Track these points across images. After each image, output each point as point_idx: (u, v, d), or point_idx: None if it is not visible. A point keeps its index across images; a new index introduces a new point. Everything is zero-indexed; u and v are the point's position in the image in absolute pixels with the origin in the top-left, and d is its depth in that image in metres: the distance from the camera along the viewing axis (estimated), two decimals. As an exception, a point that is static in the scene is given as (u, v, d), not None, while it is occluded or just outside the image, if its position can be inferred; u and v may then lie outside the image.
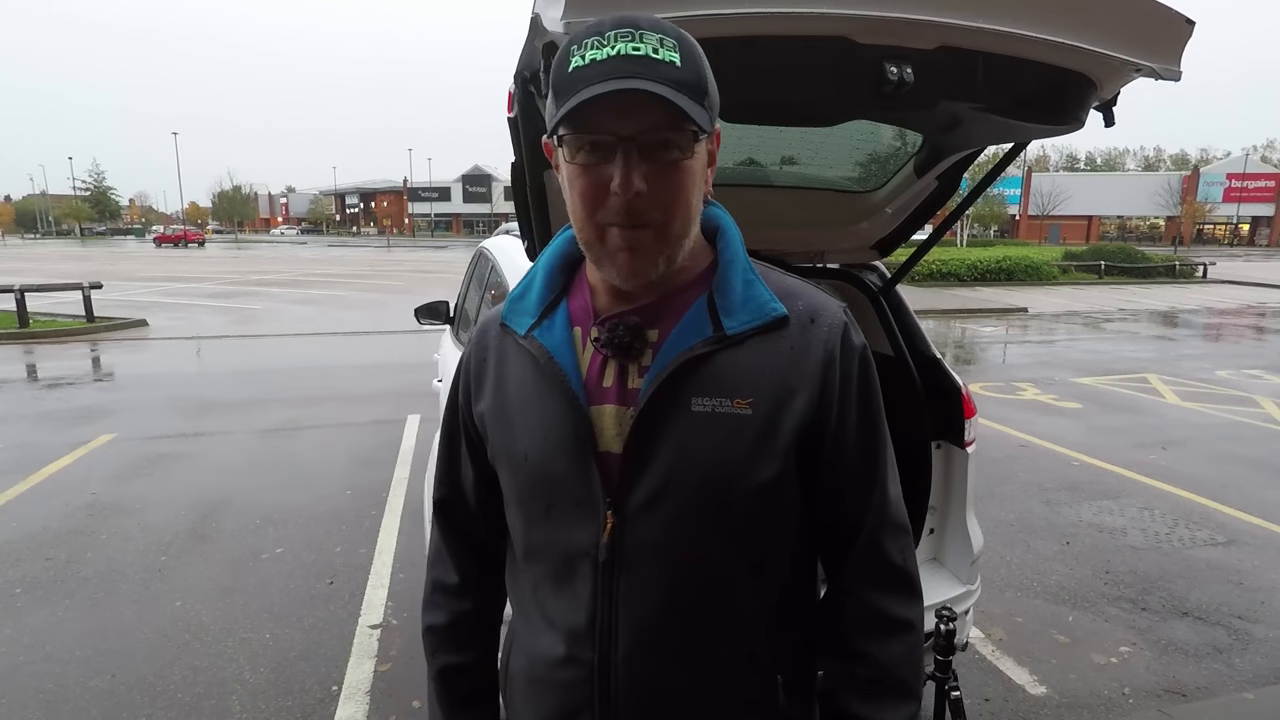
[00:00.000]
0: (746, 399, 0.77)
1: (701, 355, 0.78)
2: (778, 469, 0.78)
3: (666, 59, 0.70)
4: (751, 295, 0.80)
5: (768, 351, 0.79)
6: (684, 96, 0.70)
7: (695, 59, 0.73)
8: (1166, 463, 5.29)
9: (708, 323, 0.79)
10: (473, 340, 0.93)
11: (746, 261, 0.83)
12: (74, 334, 11.09)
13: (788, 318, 0.80)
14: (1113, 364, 9.26)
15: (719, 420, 0.77)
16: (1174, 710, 2.54)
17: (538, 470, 0.82)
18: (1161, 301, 17.62)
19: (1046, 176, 62.01)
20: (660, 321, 0.81)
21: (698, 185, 0.76)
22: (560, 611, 0.83)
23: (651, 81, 0.69)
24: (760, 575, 0.83)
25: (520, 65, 1.23)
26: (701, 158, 0.76)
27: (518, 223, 1.98)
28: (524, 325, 0.85)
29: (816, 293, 0.84)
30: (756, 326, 0.79)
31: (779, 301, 0.80)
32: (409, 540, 3.83)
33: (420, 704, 2.58)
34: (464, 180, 79.93)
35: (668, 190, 0.73)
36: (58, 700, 2.58)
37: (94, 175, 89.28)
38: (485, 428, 0.88)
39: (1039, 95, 1.27)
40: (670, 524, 0.78)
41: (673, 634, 0.80)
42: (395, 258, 34.98)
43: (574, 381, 0.80)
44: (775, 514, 0.81)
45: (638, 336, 0.80)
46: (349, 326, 12.14)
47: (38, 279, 13.84)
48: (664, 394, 0.77)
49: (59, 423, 6.13)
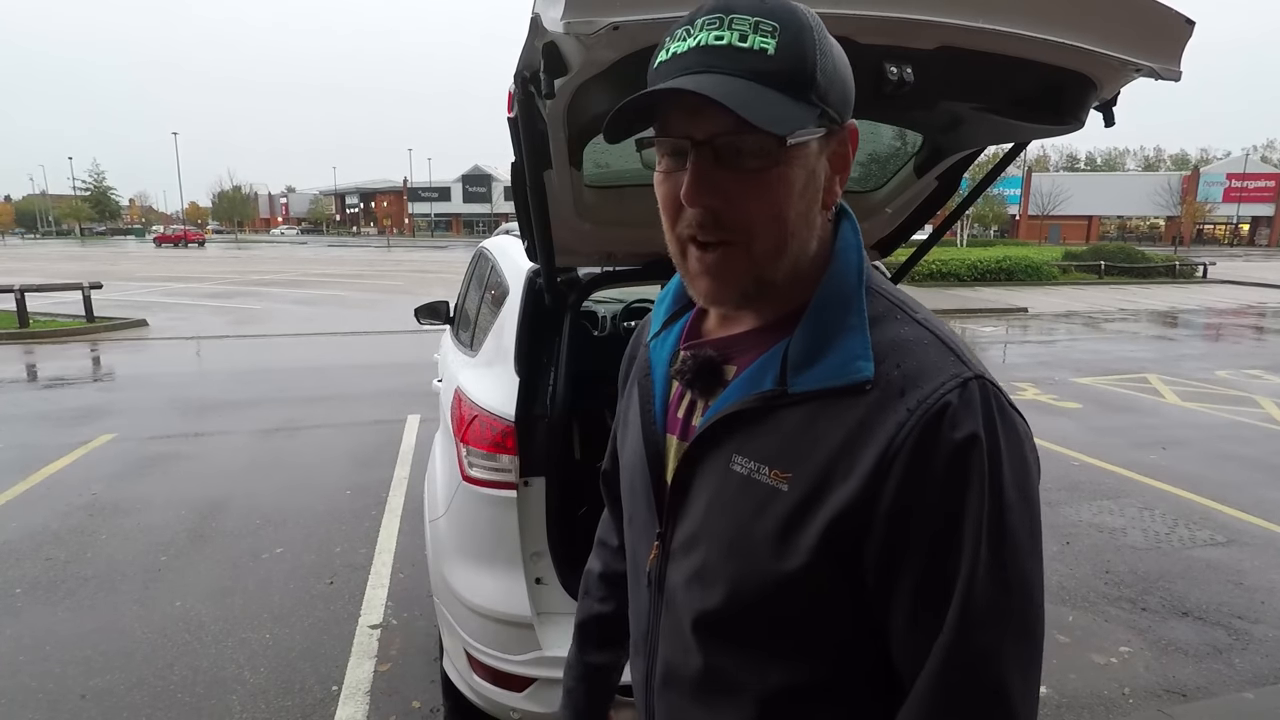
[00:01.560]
0: (786, 472, 0.64)
1: (753, 410, 0.67)
2: (803, 562, 0.63)
3: (757, 46, 0.59)
4: (838, 347, 0.64)
5: (830, 420, 0.63)
6: (769, 91, 0.59)
7: (799, 44, 0.60)
8: (1166, 463, 5.29)
9: (774, 373, 0.66)
10: (634, 337, 0.94)
11: (857, 300, 0.66)
12: (74, 334, 11.09)
13: (868, 383, 0.62)
14: (1113, 364, 9.26)
15: (752, 487, 0.66)
16: (1174, 710, 2.54)
17: (627, 480, 0.84)
18: (1161, 301, 17.62)
19: (1046, 176, 62.02)
20: (740, 358, 0.70)
21: (798, 197, 0.64)
22: (635, 612, 0.86)
23: (720, 75, 0.59)
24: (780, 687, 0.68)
25: (520, 65, 1.23)
26: (806, 162, 0.63)
27: (518, 223, 1.99)
28: (654, 328, 0.84)
29: (940, 357, 0.63)
30: (826, 389, 0.64)
31: (870, 360, 0.63)
32: (409, 540, 3.83)
33: (420, 704, 2.58)
34: (464, 180, 79.91)
35: (750, 203, 0.62)
36: (58, 700, 2.58)
37: (94, 175, 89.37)
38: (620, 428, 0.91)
39: (1039, 95, 1.27)
40: (695, 575, 0.71)
41: (688, 680, 0.74)
42: (395, 258, 34.98)
43: (657, 404, 0.78)
44: (805, 619, 0.66)
45: (710, 372, 0.72)
46: (349, 326, 12.14)
47: (38, 279, 13.83)
48: (707, 442, 0.70)
49: (59, 423, 6.13)
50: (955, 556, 0.59)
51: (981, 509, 0.59)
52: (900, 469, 0.59)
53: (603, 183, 1.84)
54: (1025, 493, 0.62)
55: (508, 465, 1.95)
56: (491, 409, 1.99)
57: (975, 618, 0.59)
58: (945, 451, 0.59)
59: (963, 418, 0.59)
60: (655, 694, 0.79)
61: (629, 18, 0.95)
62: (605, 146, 1.68)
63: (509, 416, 1.95)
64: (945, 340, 0.64)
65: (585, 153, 1.60)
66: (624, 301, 4.66)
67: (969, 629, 0.59)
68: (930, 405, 0.60)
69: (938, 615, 0.60)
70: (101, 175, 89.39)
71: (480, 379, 2.20)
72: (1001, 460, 0.60)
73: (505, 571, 2.00)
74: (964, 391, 0.60)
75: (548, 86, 1.12)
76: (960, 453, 0.59)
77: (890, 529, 0.60)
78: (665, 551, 0.75)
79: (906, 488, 0.59)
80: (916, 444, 0.59)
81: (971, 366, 0.63)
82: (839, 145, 0.66)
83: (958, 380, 0.61)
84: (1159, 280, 23.58)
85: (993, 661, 0.59)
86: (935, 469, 0.59)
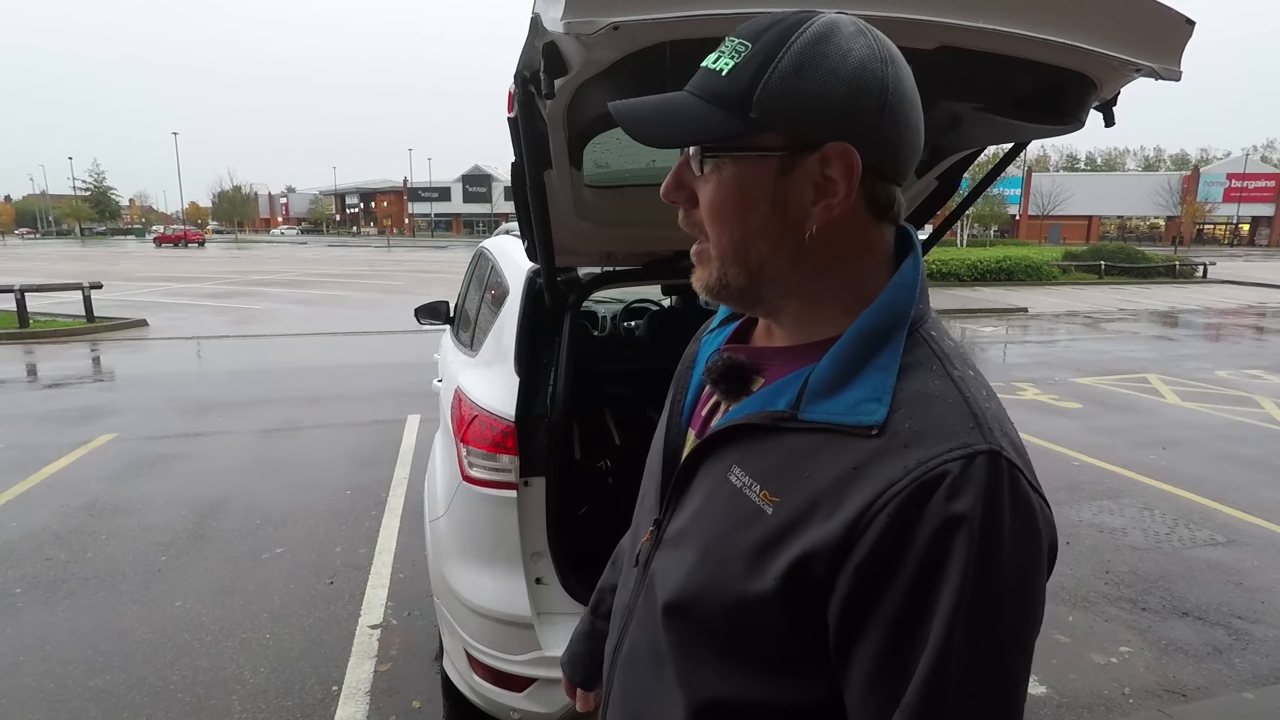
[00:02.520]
0: (775, 496, 0.63)
1: (761, 427, 0.67)
2: (768, 588, 0.62)
3: (718, 67, 0.64)
4: (858, 384, 0.62)
5: (829, 456, 0.61)
6: (707, 108, 0.63)
7: (751, 64, 0.61)
8: (1166, 463, 5.29)
9: (791, 396, 0.65)
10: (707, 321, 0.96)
11: (894, 341, 0.64)
12: (74, 334, 11.09)
13: (876, 428, 0.60)
14: (1113, 364, 9.26)
15: (740, 501, 0.66)
16: (1174, 710, 2.54)
17: (649, 463, 0.87)
18: (1161, 301, 17.62)
19: (1046, 176, 62.05)
20: (770, 372, 0.71)
21: (741, 209, 0.65)
22: (623, 581, 0.88)
23: (682, 93, 0.66)
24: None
25: (520, 65, 1.23)
26: (753, 179, 0.64)
27: (518, 223, 1.99)
28: (713, 324, 0.87)
29: (958, 420, 0.59)
30: (833, 424, 0.62)
31: (885, 405, 0.60)
32: (409, 540, 3.83)
33: (420, 704, 2.58)
34: (464, 180, 79.91)
35: (703, 207, 0.68)
36: (58, 700, 2.58)
37: (94, 175, 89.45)
38: None
39: (1039, 95, 1.27)
40: (672, 568, 0.72)
41: (647, 663, 0.76)
42: (395, 258, 34.97)
43: (689, 397, 0.82)
44: (765, 640, 0.64)
45: (737, 378, 0.73)
46: (349, 326, 12.14)
47: (38, 279, 13.83)
48: (713, 447, 0.72)
49: (59, 423, 6.13)
50: (922, 636, 0.55)
51: (961, 593, 0.54)
52: (880, 526, 0.56)
53: (603, 183, 1.84)
54: (1023, 583, 0.57)
55: (508, 465, 1.95)
56: (491, 409, 1.99)
57: (938, 704, 0.55)
58: (932, 522, 0.55)
59: (960, 491, 0.55)
60: (617, 667, 0.82)
61: (629, 18, 0.94)
62: (605, 146, 1.68)
63: (509, 416, 1.95)
64: (971, 403, 0.60)
65: (585, 153, 1.60)
66: (624, 301, 4.67)
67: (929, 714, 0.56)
68: (929, 469, 0.56)
69: (894, 692, 0.57)
70: (101, 175, 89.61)
71: (480, 379, 2.20)
72: (999, 545, 0.55)
73: (505, 571, 2.00)
74: (969, 465, 0.56)
75: (548, 86, 1.12)
76: (947, 528, 0.55)
77: (857, 585, 0.57)
78: (658, 538, 0.78)
79: (881, 548, 0.56)
80: (903, 505, 0.56)
81: (989, 438, 0.57)
82: (821, 168, 0.62)
83: (966, 451, 0.56)
84: (1159, 280, 23.58)
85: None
86: (916, 538, 0.55)
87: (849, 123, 0.61)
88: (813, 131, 0.62)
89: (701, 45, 0.74)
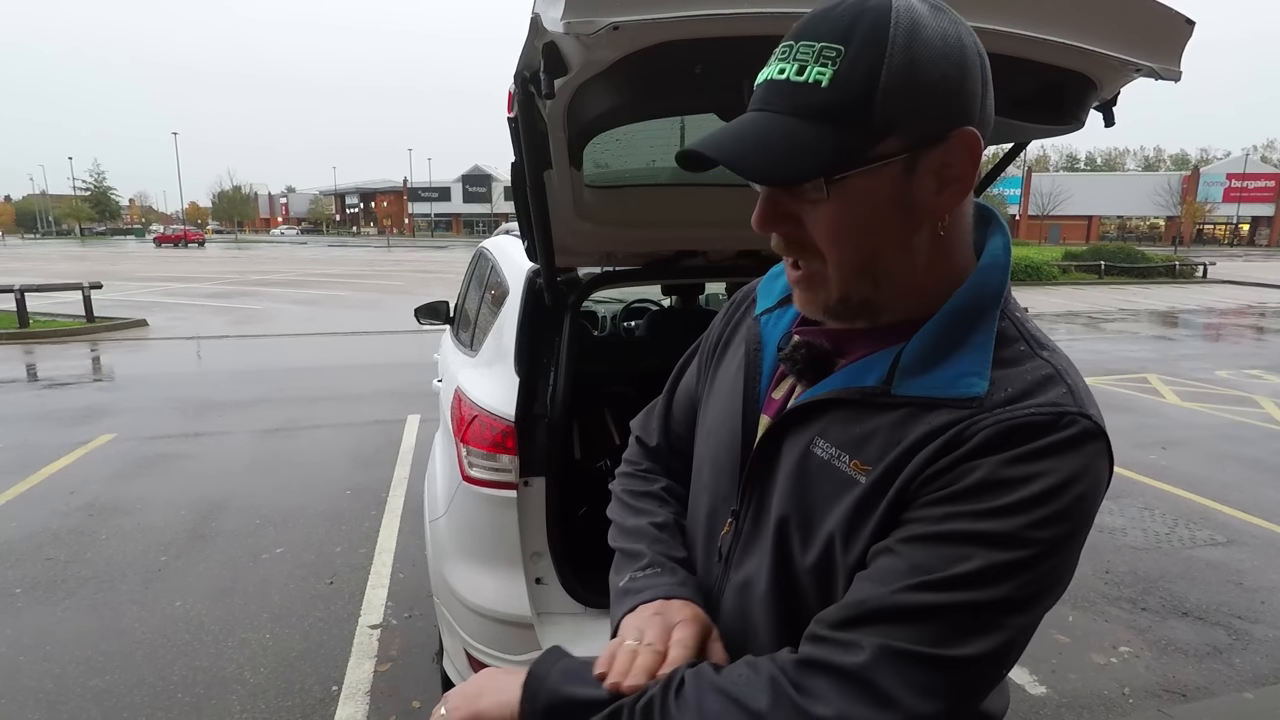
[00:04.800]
0: (867, 464, 0.63)
1: (848, 401, 0.66)
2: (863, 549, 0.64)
3: (812, 79, 0.58)
4: (957, 359, 0.63)
5: (926, 426, 0.62)
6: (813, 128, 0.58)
7: (856, 70, 0.57)
8: (1166, 463, 5.29)
9: (881, 372, 0.65)
10: (735, 297, 0.92)
11: (989, 319, 0.64)
12: (74, 334, 11.09)
13: (978, 400, 0.61)
14: (1113, 364, 9.26)
15: (830, 472, 0.66)
16: (1174, 710, 2.54)
17: (710, 450, 0.82)
18: (1161, 301, 17.62)
19: (1046, 176, 62.07)
20: (852, 354, 0.69)
21: (868, 226, 0.61)
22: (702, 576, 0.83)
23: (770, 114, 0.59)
24: None
25: (520, 65, 1.24)
26: (876, 190, 0.60)
27: (518, 223, 1.99)
28: (765, 304, 0.82)
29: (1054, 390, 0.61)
30: (929, 398, 0.62)
31: (986, 379, 0.61)
32: (409, 540, 3.83)
33: (420, 704, 2.58)
34: (464, 180, 79.91)
35: (816, 231, 0.62)
36: (58, 700, 2.58)
37: (94, 175, 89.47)
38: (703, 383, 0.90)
39: (1039, 95, 1.27)
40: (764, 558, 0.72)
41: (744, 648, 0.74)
42: (395, 258, 34.98)
43: (763, 382, 0.78)
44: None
45: (822, 363, 0.71)
46: (349, 326, 12.14)
47: (38, 279, 13.83)
48: (793, 423, 0.70)
49: (59, 423, 6.13)
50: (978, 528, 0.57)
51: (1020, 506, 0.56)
52: (962, 450, 0.58)
53: (603, 183, 1.84)
54: (1072, 534, 0.59)
55: (508, 465, 1.95)
56: (491, 409, 1.99)
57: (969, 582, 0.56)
58: (1014, 446, 0.57)
59: (1044, 439, 0.58)
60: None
61: (629, 18, 0.95)
62: (605, 146, 1.68)
63: (509, 416, 1.95)
64: (1065, 376, 0.62)
65: (585, 153, 1.60)
66: (624, 301, 4.67)
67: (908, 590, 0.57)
68: (1018, 416, 0.59)
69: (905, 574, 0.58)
70: (101, 175, 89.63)
71: (480, 379, 2.20)
72: (1065, 493, 0.57)
73: (505, 571, 2.00)
74: (1061, 419, 0.59)
75: (548, 86, 1.12)
76: (1025, 457, 0.57)
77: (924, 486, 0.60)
78: (738, 529, 0.76)
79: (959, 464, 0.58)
80: (988, 437, 0.58)
81: (1083, 407, 0.60)
82: (944, 157, 0.60)
83: (1058, 410, 0.59)
84: (1159, 280, 23.59)
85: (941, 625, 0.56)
86: (995, 455, 0.58)
87: (969, 105, 0.60)
88: (940, 122, 0.59)
89: (704, 48, 0.73)
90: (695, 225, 2.02)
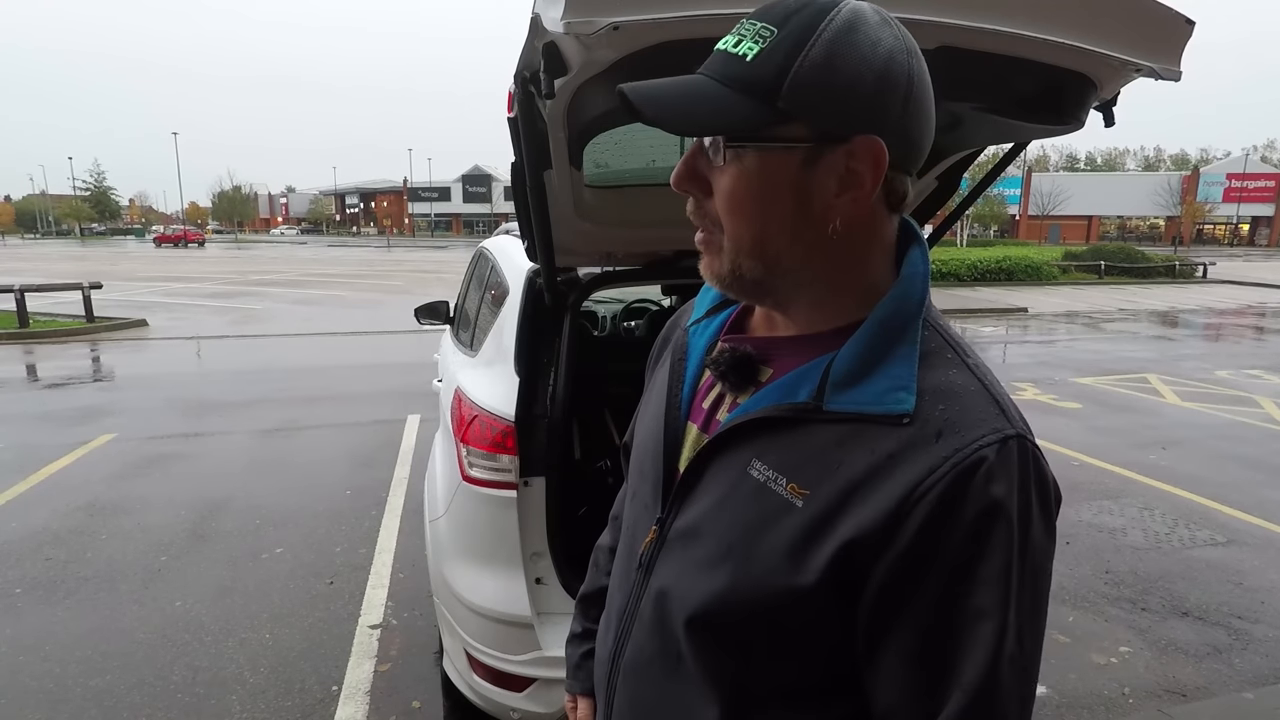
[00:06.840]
0: (804, 488, 0.63)
1: (780, 419, 0.66)
2: (813, 581, 0.62)
3: (741, 52, 0.61)
4: (884, 373, 0.63)
5: (859, 445, 0.62)
6: (733, 95, 0.61)
7: (780, 51, 0.59)
8: (1166, 463, 5.29)
9: (811, 387, 0.65)
10: (675, 315, 0.94)
11: (913, 330, 0.65)
12: (74, 334, 11.09)
13: (907, 416, 0.61)
14: (1113, 364, 9.26)
15: (766, 495, 0.65)
16: (1174, 710, 2.54)
17: (638, 459, 0.84)
18: (1161, 301, 17.62)
19: (1046, 176, 62.09)
20: (778, 363, 0.70)
21: (763, 201, 0.63)
22: (617, 583, 0.85)
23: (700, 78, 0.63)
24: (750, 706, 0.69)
25: (520, 65, 1.23)
26: (777, 169, 0.62)
27: (518, 223, 1.99)
28: (697, 314, 0.84)
29: (985, 408, 0.61)
30: (861, 413, 0.62)
31: (913, 393, 0.62)
32: (409, 540, 3.83)
33: (420, 704, 2.58)
34: (464, 180, 79.92)
35: (718, 197, 0.65)
36: (58, 700, 2.58)
37: (94, 175, 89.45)
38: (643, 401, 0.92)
39: (1039, 95, 1.27)
40: (686, 569, 0.71)
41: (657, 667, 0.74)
42: (395, 258, 34.97)
43: (685, 390, 0.79)
44: (802, 630, 0.65)
45: (746, 369, 0.72)
46: (349, 326, 12.14)
47: (38, 279, 13.83)
48: (729, 441, 0.70)
49: (59, 423, 6.13)
50: (968, 613, 0.58)
51: (1007, 570, 0.58)
52: (923, 514, 0.58)
53: (603, 183, 1.84)
54: (1048, 556, 0.63)
55: (508, 465, 1.95)
56: (491, 409, 1.99)
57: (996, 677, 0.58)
58: (974, 506, 0.57)
59: (998, 476, 0.58)
60: (620, 674, 0.80)
61: (629, 18, 0.94)
62: (605, 146, 1.68)
63: (509, 416, 1.95)
64: (991, 391, 0.63)
65: (585, 153, 1.60)
66: (624, 301, 4.67)
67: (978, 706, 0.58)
68: (966, 455, 0.58)
69: (944, 671, 0.59)
70: (101, 175, 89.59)
71: (480, 379, 2.20)
72: (1031, 524, 0.59)
73: (505, 571, 2.00)
74: (1003, 449, 0.59)
75: (548, 86, 1.12)
76: (988, 512, 0.57)
77: (898, 571, 0.59)
78: (661, 537, 0.76)
79: (926, 535, 0.58)
80: (946, 490, 0.57)
81: (1014, 424, 0.61)
82: (847, 160, 0.61)
83: (998, 436, 0.59)
84: (1159, 280, 23.59)
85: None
86: (960, 522, 0.57)
87: (877, 115, 0.61)
88: (842, 124, 0.61)
89: (698, 48, 0.73)
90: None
